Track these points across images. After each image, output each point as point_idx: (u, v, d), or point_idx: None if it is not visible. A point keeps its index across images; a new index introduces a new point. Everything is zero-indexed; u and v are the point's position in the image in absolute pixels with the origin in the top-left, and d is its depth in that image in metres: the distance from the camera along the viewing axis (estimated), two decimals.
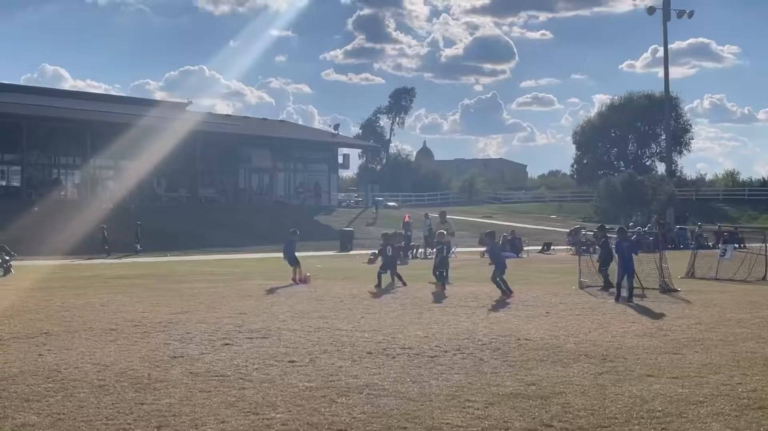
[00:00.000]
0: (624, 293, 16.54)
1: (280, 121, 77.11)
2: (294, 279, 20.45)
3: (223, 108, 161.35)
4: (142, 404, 7.62)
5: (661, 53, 63.92)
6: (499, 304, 15.77)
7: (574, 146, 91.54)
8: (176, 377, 8.84)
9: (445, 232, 20.33)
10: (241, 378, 8.76)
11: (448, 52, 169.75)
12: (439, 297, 17.15)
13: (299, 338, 11.47)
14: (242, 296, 17.17)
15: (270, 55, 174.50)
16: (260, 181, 60.36)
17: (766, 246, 23.79)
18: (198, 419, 7.11)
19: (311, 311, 14.57)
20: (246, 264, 29.43)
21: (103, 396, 7.96)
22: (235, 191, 57.07)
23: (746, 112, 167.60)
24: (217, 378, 8.79)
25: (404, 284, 19.31)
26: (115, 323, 12.99)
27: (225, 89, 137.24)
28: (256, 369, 9.30)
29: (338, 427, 6.85)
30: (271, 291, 18.34)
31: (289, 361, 9.72)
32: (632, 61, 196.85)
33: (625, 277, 16.75)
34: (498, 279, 17.28)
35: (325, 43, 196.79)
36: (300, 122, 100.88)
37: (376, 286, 18.46)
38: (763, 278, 21.78)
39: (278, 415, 7.23)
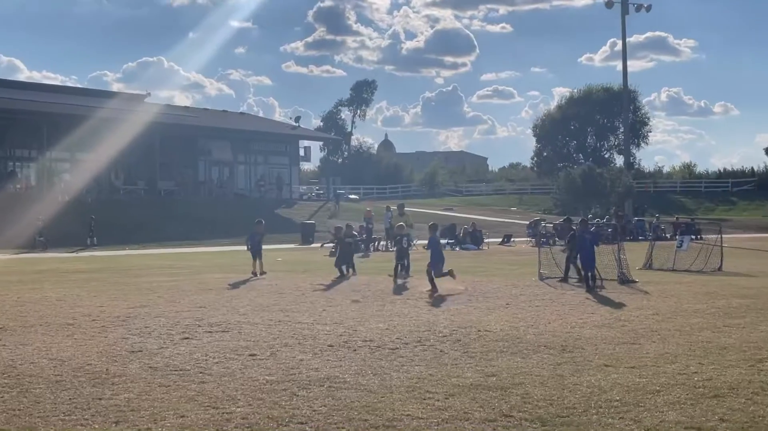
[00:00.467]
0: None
1: (241, 113, 76.58)
2: (254, 273, 20.32)
3: (183, 100, 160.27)
4: (100, 399, 7.53)
5: (619, 47, 64.72)
6: (458, 297, 15.81)
7: (534, 139, 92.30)
8: (135, 372, 8.75)
9: (404, 224, 20.35)
10: (200, 372, 8.70)
11: (409, 44, 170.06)
12: (399, 289, 17.18)
13: (260, 331, 11.42)
14: (202, 289, 17.04)
15: (230, 46, 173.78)
16: (220, 174, 59.92)
17: (721, 237, 24.21)
18: (157, 414, 7.04)
19: (272, 304, 14.50)
20: (206, 257, 29.24)
21: (59, 391, 7.85)
22: (194, 184, 56.59)
23: (702, 105, 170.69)
24: (176, 372, 8.72)
25: (354, 274, 19.86)
26: (72, 317, 12.82)
27: (184, 81, 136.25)
28: (216, 363, 9.23)
29: (299, 420, 6.83)
30: (231, 284, 18.22)
31: (250, 355, 9.67)
32: (591, 55, 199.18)
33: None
34: (430, 271, 16.99)
35: (286, 34, 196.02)
36: (261, 114, 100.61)
37: (337, 278, 18.54)
38: (719, 269, 22.14)
39: (238, 409, 7.19)
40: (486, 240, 37.96)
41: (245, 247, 21.53)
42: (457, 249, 35.61)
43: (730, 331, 11.44)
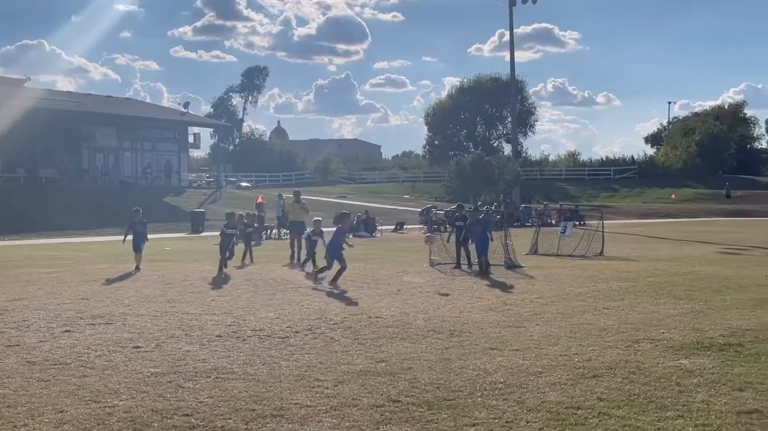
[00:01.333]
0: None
1: (126, 98, 74.27)
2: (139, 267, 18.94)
3: (65, 85, 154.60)
4: None
5: (507, 37, 65.87)
6: (349, 284, 15.86)
7: (426, 127, 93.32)
8: (11, 366, 8.41)
9: (320, 219, 20.21)
10: (82, 366, 8.43)
11: (300, 31, 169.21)
12: (291, 276, 17.10)
13: (145, 323, 11.15)
14: (85, 281, 16.49)
15: (115, 30, 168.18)
16: (105, 161, 58.05)
17: (602, 223, 25.09)
18: (35, 409, 6.79)
19: (158, 295, 14.18)
20: (90, 247, 28.31)
21: None
22: (78, 171, 54.67)
23: (586, 95, 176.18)
24: (56, 366, 8.42)
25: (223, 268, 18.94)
26: None
27: (67, 65, 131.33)
28: (99, 356, 8.97)
29: (184, 412, 6.71)
30: (116, 275, 17.70)
31: (134, 347, 9.43)
32: (480, 45, 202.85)
33: (472, 253, 17.56)
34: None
35: (173, 19, 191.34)
36: (148, 100, 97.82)
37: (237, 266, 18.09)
38: (600, 254, 22.95)
39: (121, 402, 7.01)
40: (379, 228, 38.19)
41: (123, 239, 19.86)
42: (351, 236, 35.67)
43: (609, 313, 11.89)
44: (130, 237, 19.59)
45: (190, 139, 65.81)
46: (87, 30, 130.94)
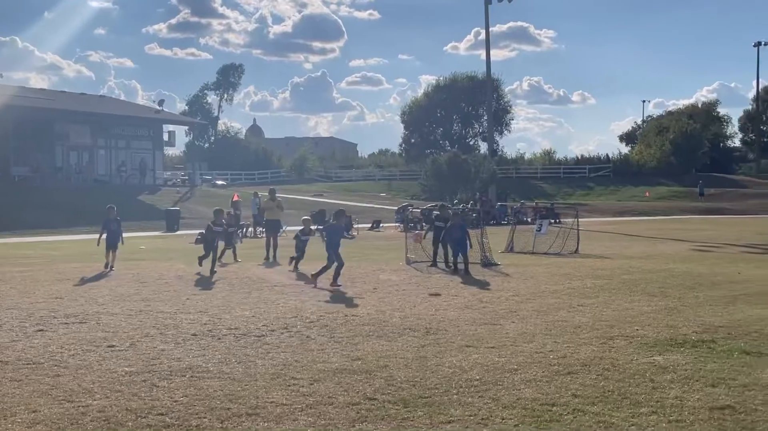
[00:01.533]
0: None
1: (101, 96, 73.75)
2: (108, 265, 18.51)
3: (38, 82, 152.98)
4: None
5: (483, 36, 66.11)
6: (326, 282, 15.83)
7: (402, 125, 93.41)
8: None
9: (310, 218, 20.16)
10: (55, 366, 8.35)
11: (276, 28, 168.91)
12: (285, 277, 17.05)
13: (119, 322, 11.06)
14: (59, 280, 16.34)
15: (89, 27, 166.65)
16: (79, 159, 57.56)
17: (577, 221, 25.26)
18: (7, 409, 6.72)
19: (133, 294, 14.08)
20: (64, 246, 28.07)
21: None
22: (51, 169, 54.17)
23: (561, 93, 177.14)
24: (29, 366, 8.33)
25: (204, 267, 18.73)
26: None
27: (40, 62, 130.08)
28: (72, 355, 8.88)
29: (159, 411, 6.67)
30: (90, 274, 17.56)
31: (108, 346, 9.35)
32: (456, 43, 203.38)
33: (450, 251, 17.63)
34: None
35: (148, 16, 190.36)
36: (122, 98, 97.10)
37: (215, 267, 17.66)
38: (576, 251, 23.09)
39: (95, 402, 6.95)
40: (355, 226, 38.16)
41: (98, 240, 19.22)
42: (347, 234, 35.60)
43: (584, 311, 11.96)
44: (105, 236, 19.25)
45: (165, 137, 65.47)
46: (60, 27, 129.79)
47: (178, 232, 37.54)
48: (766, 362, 8.39)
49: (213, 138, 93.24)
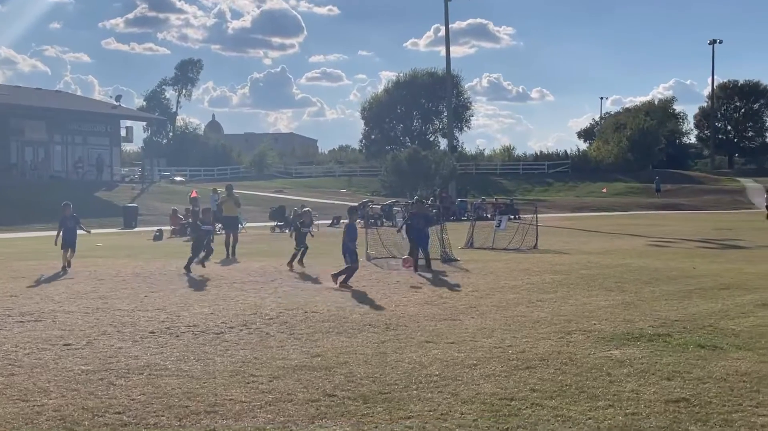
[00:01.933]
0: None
1: (57, 91, 72.62)
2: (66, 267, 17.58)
3: None
4: None
5: (442, 32, 66.35)
6: (286, 279, 15.77)
7: (362, 122, 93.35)
8: None
9: (310, 210, 20.05)
10: (10, 364, 8.20)
11: (235, 24, 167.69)
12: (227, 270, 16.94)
13: (76, 320, 10.91)
14: (13, 278, 16.06)
15: (44, 21, 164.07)
16: (35, 155, 56.62)
17: (536, 217, 25.46)
18: None
19: (90, 291, 13.90)
20: (19, 243, 27.61)
21: None
22: (6, 166, 53.19)
23: (521, 90, 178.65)
24: None
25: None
26: None
27: None
28: (28, 354, 8.74)
29: (116, 410, 6.59)
30: (46, 272, 17.27)
31: (64, 344, 9.22)
32: (416, 40, 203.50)
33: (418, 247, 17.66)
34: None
35: (105, 10, 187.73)
36: (79, 93, 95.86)
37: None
38: (534, 247, 23.27)
39: (51, 401, 6.85)
40: (316, 222, 38.02)
41: (55, 239, 18.27)
42: (287, 231, 35.49)
43: (542, 306, 12.07)
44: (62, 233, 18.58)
45: (123, 133, 64.73)
46: (14, 20, 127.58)
47: (136, 229, 37.14)
48: (721, 355, 8.54)
49: (171, 134, 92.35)
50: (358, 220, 17.08)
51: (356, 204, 17.97)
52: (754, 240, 26.69)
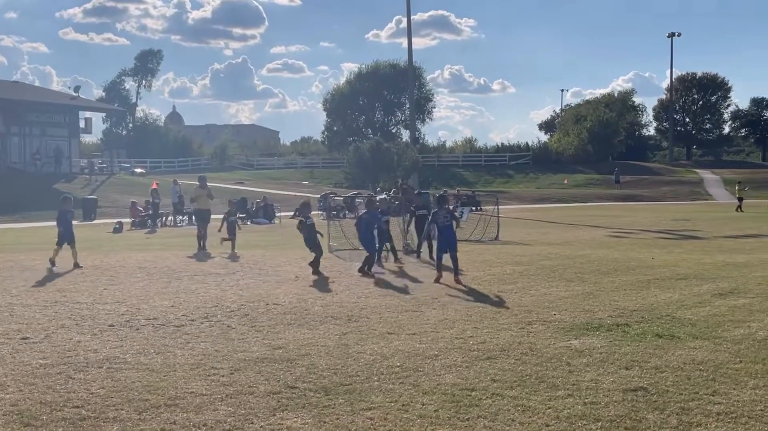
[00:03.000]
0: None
1: (14, 81, 71.41)
2: (53, 260, 16.61)
3: None
4: None
5: (404, 24, 66.28)
6: (247, 271, 15.70)
7: (324, 113, 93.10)
8: None
9: (309, 202, 19.97)
10: None
11: (195, 14, 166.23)
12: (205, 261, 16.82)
13: (34, 313, 10.76)
14: None
15: (0, 11, 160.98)
16: None
17: (498, 208, 25.63)
18: None
19: (48, 284, 13.71)
20: None
21: None
22: None
23: (482, 82, 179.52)
24: None
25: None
26: None
27: None
28: None
29: (74, 404, 6.52)
30: (4, 265, 17.00)
31: (22, 338, 9.09)
32: (378, 31, 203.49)
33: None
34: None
35: (62, 0, 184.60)
36: (36, 83, 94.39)
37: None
38: (496, 238, 23.43)
39: (8, 395, 6.76)
40: (278, 214, 37.92)
41: (58, 239, 17.23)
42: (249, 223, 35.35)
43: (503, 296, 12.15)
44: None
45: (82, 124, 63.87)
46: None
47: (96, 221, 36.70)
48: (678, 344, 8.67)
49: (131, 125, 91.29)
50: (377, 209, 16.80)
51: (377, 195, 17.75)
52: (711, 231, 27.14)
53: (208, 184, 22.70)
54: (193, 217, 27.77)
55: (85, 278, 14.61)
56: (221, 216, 21.05)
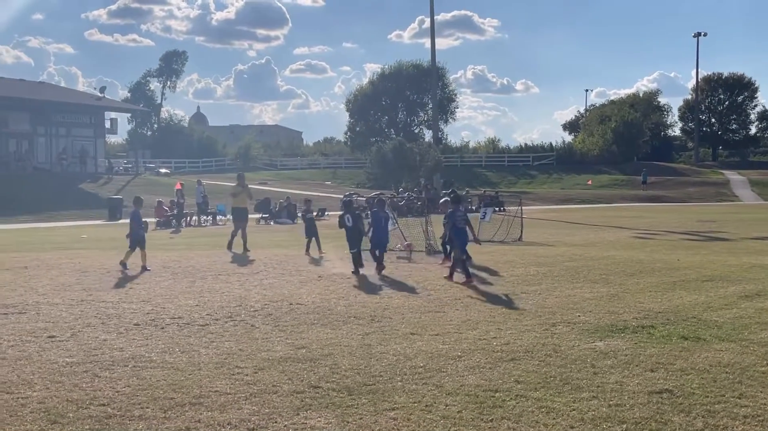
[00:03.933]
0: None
1: (40, 82, 72.14)
2: (123, 263, 16.13)
3: None
4: None
5: (427, 24, 66.11)
6: (270, 271, 15.75)
7: (347, 114, 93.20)
8: None
9: (311, 200, 20.31)
10: None
11: (219, 15, 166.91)
12: (241, 261, 16.90)
13: (60, 312, 10.87)
14: None
15: (27, 12, 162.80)
16: (18, 147, 56.26)
17: (521, 209, 25.53)
18: None
19: (74, 283, 13.84)
20: (3, 236, 27.42)
21: None
22: None
23: (505, 82, 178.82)
24: None
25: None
26: None
27: None
28: (12, 346, 8.71)
29: (100, 402, 6.58)
30: (30, 264, 17.19)
31: (49, 336, 9.19)
32: (400, 32, 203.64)
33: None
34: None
35: (88, 2, 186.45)
36: (62, 84, 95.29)
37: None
38: (519, 239, 23.34)
39: (35, 393, 6.83)
40: (299, 214, 38.00)
41: (130, 234, 16.78)
42: (272, 223, 35.49)
43: (527, 298, 12.11)
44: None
45: (107, 125, 64.42)
46: None
47: (121, 221, 36.95)
48: (704, 347, 8.60)
49: (156, 125, 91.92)
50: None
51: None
52: (738, 233, 26.87)
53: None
54: (230, 216, 27.64)
55: (110, 277, 14.73)
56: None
